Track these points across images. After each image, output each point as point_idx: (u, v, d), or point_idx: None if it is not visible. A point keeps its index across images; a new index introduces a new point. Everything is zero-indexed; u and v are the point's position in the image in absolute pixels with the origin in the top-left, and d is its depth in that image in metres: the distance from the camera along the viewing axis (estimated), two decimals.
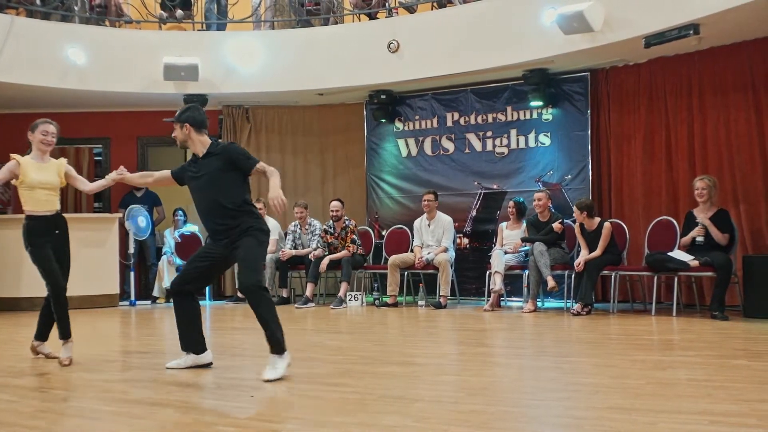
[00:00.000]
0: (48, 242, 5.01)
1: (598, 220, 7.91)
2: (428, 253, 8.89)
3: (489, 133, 9.44)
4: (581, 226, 7.94)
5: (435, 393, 3.87)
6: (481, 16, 8.65)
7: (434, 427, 3.15)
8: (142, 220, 9.91)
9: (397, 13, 9.68)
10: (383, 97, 9.87)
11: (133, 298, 9.75)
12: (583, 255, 7.79)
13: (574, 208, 7.92)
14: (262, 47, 9.67)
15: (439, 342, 6.39)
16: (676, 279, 7.37)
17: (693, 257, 7.17)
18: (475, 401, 3.66)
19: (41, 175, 5.05)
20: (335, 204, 9.37)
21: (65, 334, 5.00)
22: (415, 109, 10.00)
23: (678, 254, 7.33)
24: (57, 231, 5.09)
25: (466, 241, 9.52)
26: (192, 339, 4.74)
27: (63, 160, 5.29)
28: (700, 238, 7.16)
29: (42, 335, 5.24)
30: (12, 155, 5.08)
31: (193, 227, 10.82)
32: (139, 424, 3.32)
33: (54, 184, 5.11)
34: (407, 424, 3.20)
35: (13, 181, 5.04)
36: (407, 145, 10.04)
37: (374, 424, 3.15)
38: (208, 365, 4.72)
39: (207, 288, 10.41)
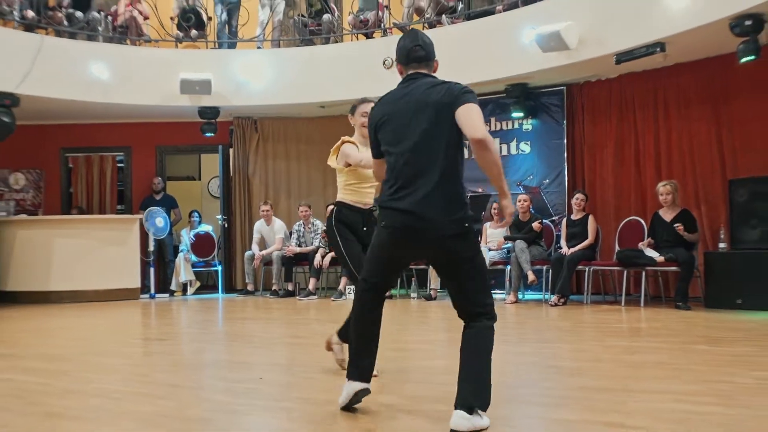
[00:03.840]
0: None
1: (583, 213, 8.09)
2: None
3: None
4: (568, 217, 8.23)
5: (425, 375, 3.88)
6: (467, 35, 8.64)
7: (424, 405, 3.17)
8: (160, 221, 9.91)
9: (392, 32, 9.68)
10: None
11: (152, 291, 9.75)
12: (564, 245, 7.98)
13: (579, 195, 8.10)
14: (269, 64, 9.68)
15: (430, 330, 6.41)
16: (644, 273, 7.40)
17: (659, 254, 7.22)
18: None
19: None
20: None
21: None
22: None
23: (646, 251, 7.35)
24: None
25: None
26: None
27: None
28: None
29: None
30: (346, 138, 4.24)
31: (207, 227, 10.84)
32: (159, 403, 3.33)
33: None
34: (400, 402, 3.22)
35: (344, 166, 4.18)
36: None
37: (371, 401, 3.16)
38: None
39: (220, 280, 10.45)
